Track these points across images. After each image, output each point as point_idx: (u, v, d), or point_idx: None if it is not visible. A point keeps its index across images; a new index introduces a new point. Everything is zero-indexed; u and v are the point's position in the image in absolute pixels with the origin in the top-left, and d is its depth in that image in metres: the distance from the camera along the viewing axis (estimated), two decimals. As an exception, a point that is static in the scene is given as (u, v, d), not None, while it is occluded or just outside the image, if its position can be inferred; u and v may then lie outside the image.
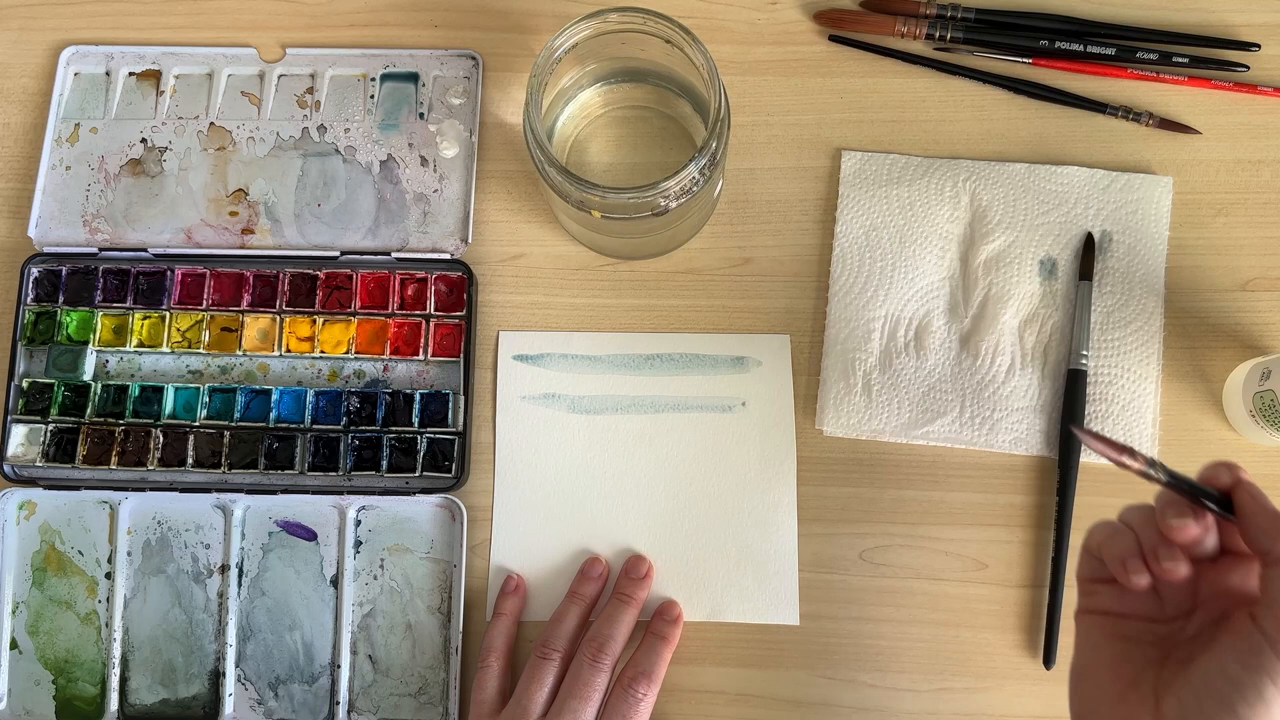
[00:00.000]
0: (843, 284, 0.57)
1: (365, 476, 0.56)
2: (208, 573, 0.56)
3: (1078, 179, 0.58)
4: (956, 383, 0.56)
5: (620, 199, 0.49)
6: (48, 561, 0.56)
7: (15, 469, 0.57)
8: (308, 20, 0.62)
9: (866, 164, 0.59)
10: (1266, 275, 0.57)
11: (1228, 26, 0.60)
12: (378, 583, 0.55)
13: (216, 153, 0.60)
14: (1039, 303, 0.57)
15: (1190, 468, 0.55)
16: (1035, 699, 0.54)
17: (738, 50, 0.61)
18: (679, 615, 0.54)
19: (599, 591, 0.54)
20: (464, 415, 0.56)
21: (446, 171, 0.59)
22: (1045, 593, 0.54)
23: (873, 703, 0.54)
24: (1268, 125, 0.59)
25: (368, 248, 0.58)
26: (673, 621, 0.53)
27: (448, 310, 0.57)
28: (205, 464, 0.56)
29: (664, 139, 0.58)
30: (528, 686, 0.50)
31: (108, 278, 0.58)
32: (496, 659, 0.52)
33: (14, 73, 0.62)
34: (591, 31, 0.50)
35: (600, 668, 0.50)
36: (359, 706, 0.54)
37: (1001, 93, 0.60)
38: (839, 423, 0.56)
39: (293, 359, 0.58)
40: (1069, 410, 0.54)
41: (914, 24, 0.60)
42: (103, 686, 0.55)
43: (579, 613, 0.53)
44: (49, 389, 0.57)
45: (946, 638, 0.54)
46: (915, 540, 0.55)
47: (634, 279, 0.58)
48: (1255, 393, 0.53)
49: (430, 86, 0.61)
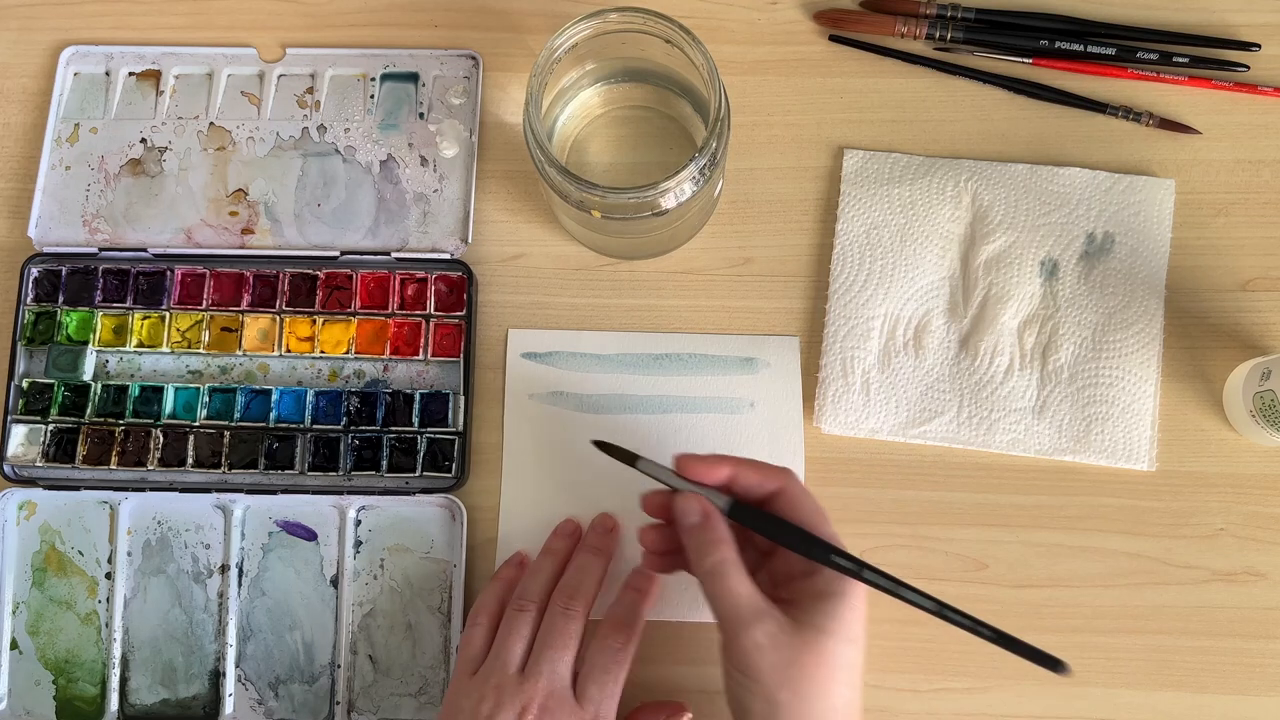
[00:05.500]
0: (843, 282, 0.57)
1: (365, 476, 0.56)
2: (208, 573, 0.56)
3: (1080, 180, 0.58)
4: (955, 383, 0.56)
5: (620, 199, 0.49)
6: (48, 562, 0.56)
7: (15, 469, 0.57)
8: (308, 20, 0.62)
9: (869, 162, 0.59)
10: (1266, 275, 0.57)
11: (1228, 26, 0.60)
12: (378, 583, 0.55)
13: (216, 153, 0.60)
14: (1039, 304, 0.57)
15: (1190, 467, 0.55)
16: (1035, 699, 0.54)
17: (738, 50, 0.61)
18: (655, 574, 0.53)
19: (572, 548, 0.53)
20: (464, 415, 0.56)
21: (446, 171, 0.59)
22: (1044, 592, 0.54)
23: (873, 703, 0.54)
24: (1268, 125, 0.59)
25: (368, 248, 0.58)
26: (649, 577, 0.52)
27: (448, 310, 0.57)
28: (205, 464, 0.56)
29: (664, 139, 0.58)
30: (505, 639, 0.49)
31: (108, 278, 0.58)
32: (486, 618, 0.51)
33: (14, 73, 0.62)
34: (591, 31, 0.50)
35: (572, 614, 0.49)
36: (359, 706, 0.54)
37: (1002, 93, 0.60)
38: (837, 421, 0.56)
39: (293, 359, 0.58)
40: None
41: (914, 24, 0.60)
42: (103, 686, 0.55)
43: (552, 565, 0.52)
44: (49, 389, 0.57)
45: (947, 638, 0.54)
46: (915, 540, 0.55)
47: (634, 279, 0.58)
48: (1255, 393, 0.53)
49: (430, 86, 0.61)
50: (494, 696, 0.46)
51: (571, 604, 0.49)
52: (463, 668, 0.49)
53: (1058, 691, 0.54)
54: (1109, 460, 0.55)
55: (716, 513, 0.46)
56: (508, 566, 0.54)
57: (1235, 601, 0.54)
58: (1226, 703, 0.53)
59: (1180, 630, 0.54)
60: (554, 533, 0.54)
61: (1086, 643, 0.54)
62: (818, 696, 0.43)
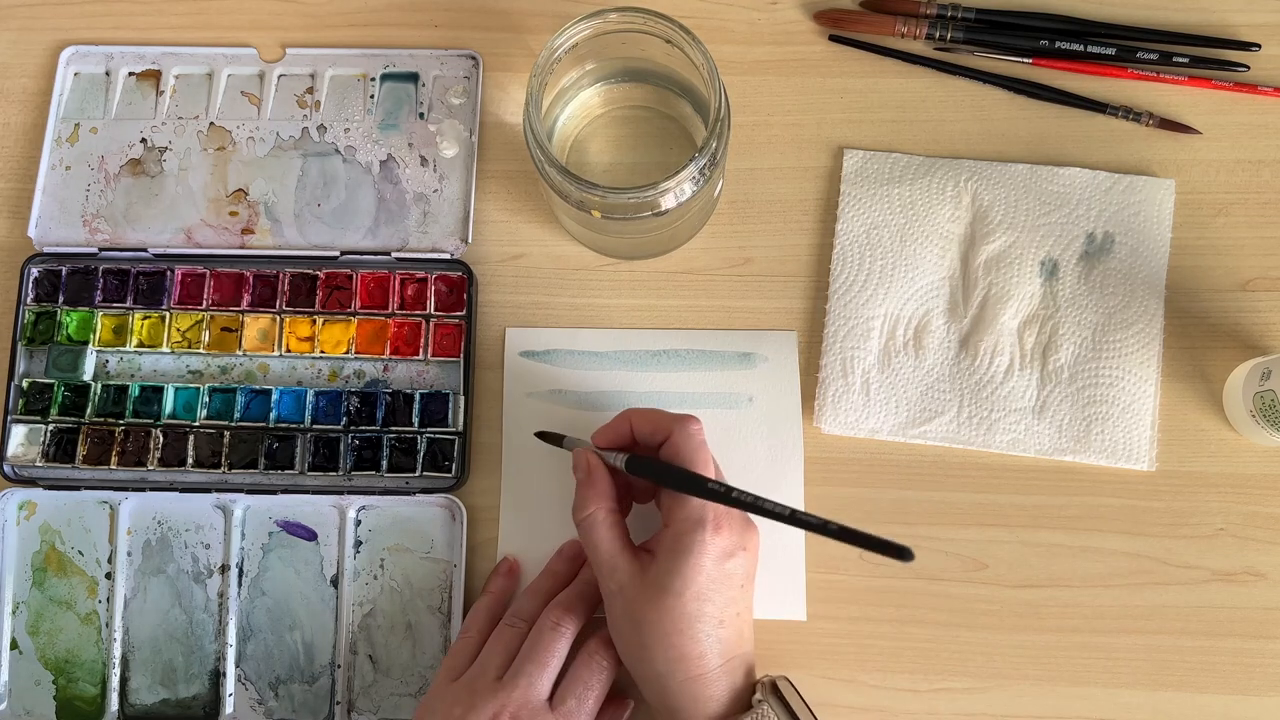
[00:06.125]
0: (843, 282, 0.57)
1: (365, 476, 0.56)
2: (208, 573, 0.56)
3: (1080, 180, 0.58)
4: (954, 383, 0.56)
5: (620, 199, 0.49)
6: (48, 562, 0.56)
7: (15, 469, 0.57)
8: (308, 20, 0.62)
9: (869, 162, 0.59)
10: (1266, 275, 0.57)
11: (1228, 26, 0.60)
12: (378, 583, 0.55)
13: (216, 153, 0.60)
14: (1039, 304, 0.57)
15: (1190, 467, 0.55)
16: (1035, 699, 0.54)
17: (738, 50, 0.61)
18: None
19: (573, 571, 0.54)
20: (464, 415, 0.56)
21: (446, 171, 0.59)
22: (1044, 592, 0.54)
23: (873, 703, 0.54)
24: (1268, 125, 0.59)
25: (368, 248, 0.58)
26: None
27: (448, 310, 0.57)
28: (205, 464, 0.56)
29: (664, 139, 0.58)
30: (490, 649, 0.50)
31: (108, 278, 0.58)
32: (476, 632, 0.52)
33: (14, 73, 0.62)
34: (591, 31, 0.50)
35: (561, 632, 0.49)
36: (359, 706, 0.54)
37: (1002, 93, 0.60)
38: (837, 421, 0.56)
39: (293, 359, 0.58)
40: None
41: (914, 24, 0.60)
42: (103, 686, 0.55)
43: (551, 586, 0.53)
44: (49, 389, 0.57)
45: (946, 638, 0.55)
46: (915, 540, 0.55)
47: (634, 279, 0.58)
48: (1255, 393, 0.53)
49: (430, 86, 0.61)
50: (468, 700, 0.47)
51: (562, 622, 0.50)
52: (444, 674, 0.50)
53: (1058, 691, 0.54)
54: (1109, 460, 0.55)
55: (600, 468, 0.50)
56: (497, 576, 0.54)
57: (1235, 601, 0.54)
58: (1226, 703, 0.53)
59: (1180, 630, 0.54)
60: (557, 554, 0.54)
61: (1086, 643, 0.54)
62: (659, 646, 0.46)
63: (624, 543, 0.48)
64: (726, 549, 0.46)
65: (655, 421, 0.49)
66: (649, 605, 0.46)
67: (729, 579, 0.46)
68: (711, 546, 0.46)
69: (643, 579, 0.47)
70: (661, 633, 0.46)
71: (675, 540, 0.46)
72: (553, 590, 0.52)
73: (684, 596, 0.46)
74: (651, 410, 0.50)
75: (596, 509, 0.49)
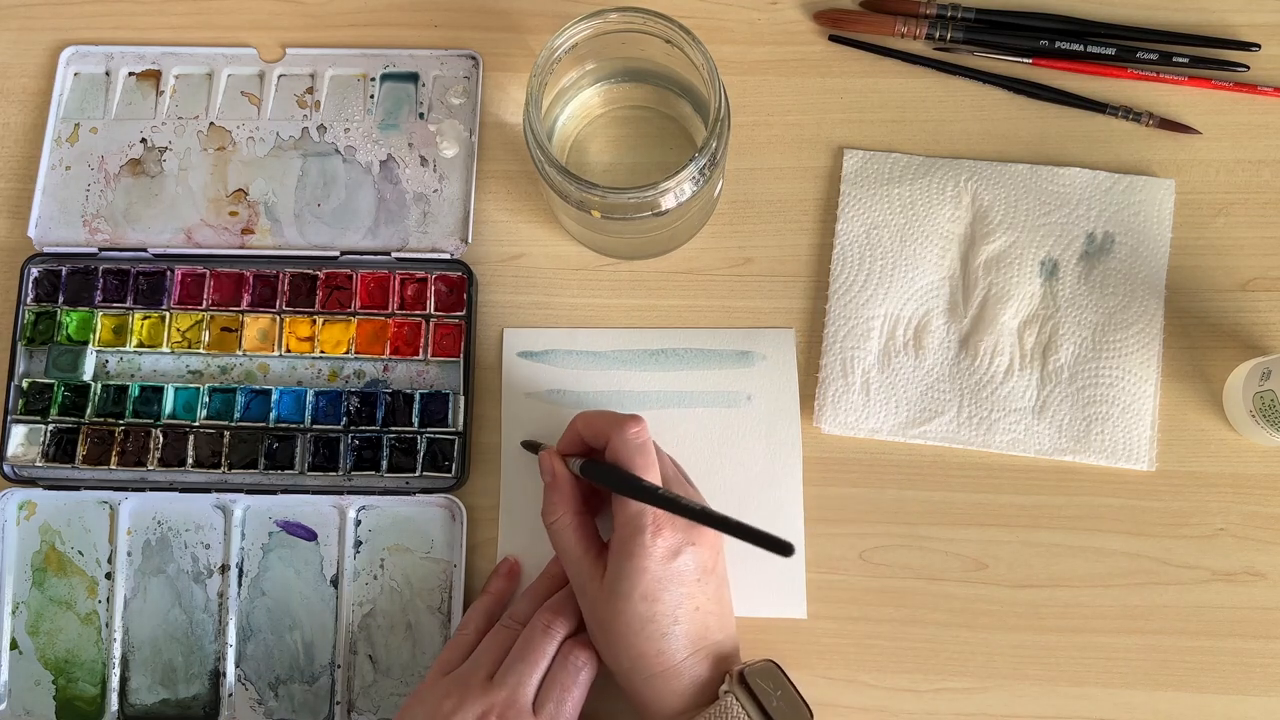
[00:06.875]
0: (843, 282, 0.57)
1: (365, 476, 0.56)
2: (208, 573, 0.56)
3: (1080, 180, 0.58)
4: (954, 383, 0.56)
5: (620, 199, 0.49)
6: (48, 562, 0.56)
7: (15, 469, 0.57)
8: (308, 20, 0.62)
9: (869, 162, 0.59)
10: (1266, 275, 0.57)
11: (1228, 26, 0.60)
12: (378, 583, 0.55)
13: (216, 153, 0.60)
14: (1039, 304, 0.57)
15: (1190, 467, 0.55)
16: (1035, 699, 0.54)
17: (738, 50, 0.61)
18: None
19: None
20: (464, 415, 0.56)
21: (446, 171, 0.59)
22: (1044, 592, 0.54)
23: (873, 703, 0.54)
24: (1268, 125, 0.59)
25: (367, 248, 0.58)
26: None
27: (448, 310, 0.57)
28: (205, 464, 0.56)
29: (664, 139, 0.58)
30: (485, 649, 0.50)
31: (107, 278, 0.58)
32: (474, 630, 0.52)
33: (14, 73, 0.62)
34: (591, 31, 0.50)
35: (551, 634, 0.50)
36: (359, 706, 0.54)
37: (1002, 93, 0.60)
38: (837, 421, 0.56)
39: (293, 359, 0.58)
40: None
41: (914, 24, 0.60)
42: (103, 686, 0.55)
43: (548, 589, 0.53)
44: (49, 389, 0.57)
45: (946, 638, 0.55)
46: (915, 540, 0.55)
47: (634, 279, 0.58)
48: (1255, 393, 0.53)
49: (430, 86, 0.61)
50: (457, 696, 0.48)
51: (553, 624, 0.50)
52: (438, 668, 0.51)
53: (1057, 691, 0.54)
54: (1109, 460, 0.55)
55: (563, 472, 0.51)
56: (496, 578, 0.54)
57: (1235, 601, 0.54)
58: (1226, 703, 0.53)
59: (1180, 630, 0.54)
60: (555, 558, 0.54)
61: (1086, 643, 0.54)
62: (619, 645, 0.47)
63: (587, 545, 0.50)
64: (671, 548, 0.47)
65: (596, 425, 0.50)
66: (605, 607, 0.48)
67: (678, 577, 0.47)
68: (653, 548, 0.47)
69: (600, 582, 0.48)
70: (618, 634, 0.47)
71: (620, 544, 0.47)
72: (550, 593, 0.52)
73: (632, 598, 0.46)
74: (597, 413, 0.51)
75: (562, 513, 0.50)
